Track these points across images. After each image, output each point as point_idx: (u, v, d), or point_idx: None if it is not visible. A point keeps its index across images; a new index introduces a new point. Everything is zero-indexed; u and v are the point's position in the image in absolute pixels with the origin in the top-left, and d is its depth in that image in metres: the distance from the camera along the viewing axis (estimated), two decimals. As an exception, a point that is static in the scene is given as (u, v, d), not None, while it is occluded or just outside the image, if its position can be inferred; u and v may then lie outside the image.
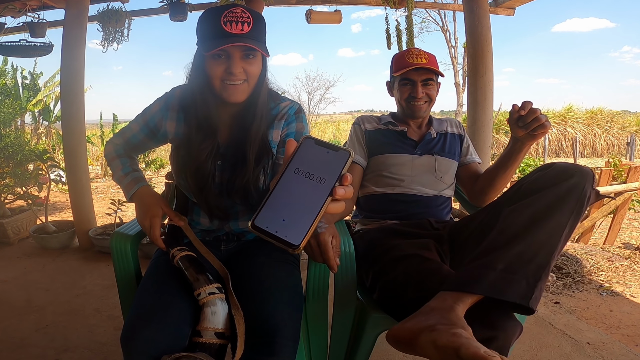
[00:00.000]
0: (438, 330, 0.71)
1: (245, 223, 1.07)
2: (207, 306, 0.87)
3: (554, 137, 10.84)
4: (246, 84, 0.93)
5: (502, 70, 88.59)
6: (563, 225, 0.84)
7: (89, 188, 2.84)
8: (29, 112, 6.79)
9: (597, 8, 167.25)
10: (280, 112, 1.02)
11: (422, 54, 1.33)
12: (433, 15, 13.22)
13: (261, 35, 0.93)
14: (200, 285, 0.89)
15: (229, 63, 0.90)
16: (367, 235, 1.24)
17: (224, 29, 0.87)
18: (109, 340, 1.65)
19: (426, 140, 1.39)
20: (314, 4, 3.06)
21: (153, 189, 1.07)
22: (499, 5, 2.88)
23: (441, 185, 1.36)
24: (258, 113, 0.97)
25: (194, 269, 0.92)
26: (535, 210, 0.85)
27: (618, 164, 3.10)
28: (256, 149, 0.97)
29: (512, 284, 0.78)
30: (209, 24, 0.89)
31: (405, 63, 1.33)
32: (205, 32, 0.91)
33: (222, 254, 1.09)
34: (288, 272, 1.01)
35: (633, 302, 2.10)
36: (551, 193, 0.86)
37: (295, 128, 1.02)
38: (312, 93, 17.09)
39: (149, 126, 1.07)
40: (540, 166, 0.96)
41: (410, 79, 1.34)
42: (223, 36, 0.87)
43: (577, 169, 0.88)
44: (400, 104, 1.40)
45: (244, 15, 0.88)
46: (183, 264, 0.93)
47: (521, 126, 1.06)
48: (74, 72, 2.64)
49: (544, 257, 0.82)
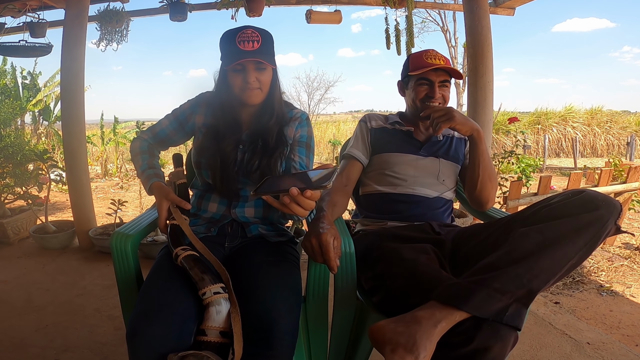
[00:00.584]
0: (396, 353, 0.76)
1: (250, 210, 1.16)
2: (212, 305, 0.88)
3: (554, 137, 10.84)
4: (259, 90, 1.11)
5: (502, 70, 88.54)
6: (571, 256, 0.84)
7: (89, 188, 2.84)
8: (29, 112, 6.79)
9: (597, 8, 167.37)
10: (294, 115, 1.22)
11: (440, 55, 1.32)
12: (433, 15, 13.25)
13: (269, 50, 1.10)
14: (205, 284, 0.90)
15: (244, 75, 1.08)
16: (365, 239, 1.23)
17: (239, 47, 1.06)
18: (109, 340, 1.65)
19: (432, 142, 1.38)
20: (314, 4, 3.06)
21: (162, 183, 1.16)
22: (499, 5, 2.88)
23: (443, 187, 1.35)
24: (274, 111, 1.16)
25: (198, 268, 0.93)
26: (546, 238, 0.85)
27: (618, 164, 3.09)
28: (274, 138, 1.15)
29: (495, 303, 0.79)
30: (227, 44, 1.08)
31: (423, 63, 1.31)
32: (225, 51, 1.10)
33: (226, 252, 1.13)
34: (288, 270, 1.03)
35: (633, 302, 2.10)
36: (569, 223, 0.85)
37: (306, 132, 1.23)
38: (312, 93, 17.11)
39: (179, 120, 1.24)
40: (571, 190, 0.94)
41: (428, 79, 1.32)
42: (238, 53, 1.06)
43: (605, 201, 0.87)
44: (414, 104, 1.36)
45: (253, 35, 1.07)
46: (187, 263, 0.95)
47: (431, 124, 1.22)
48: (74, 72, 2.64)
49: (539, 283, 0.82)
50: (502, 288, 0.80)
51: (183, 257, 0.96)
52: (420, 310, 0.82)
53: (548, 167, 8.44)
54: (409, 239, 1.17)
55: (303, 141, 1.21)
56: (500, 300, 0.79)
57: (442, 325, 0.78)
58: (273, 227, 1.19)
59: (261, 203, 1.17)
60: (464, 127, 1.20)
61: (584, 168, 4.50)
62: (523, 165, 2.95)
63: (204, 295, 0.89)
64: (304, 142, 1.21)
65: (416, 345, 0.76)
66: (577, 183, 2.69)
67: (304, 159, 1.19)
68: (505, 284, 0.80)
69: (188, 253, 0.97)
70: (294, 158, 1.18)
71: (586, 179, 3.04)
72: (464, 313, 0.79)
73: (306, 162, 1.19)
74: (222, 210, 1.16)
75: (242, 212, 1.16)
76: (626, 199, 2.97)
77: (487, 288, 0.80)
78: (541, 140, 10.05)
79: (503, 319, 0.79)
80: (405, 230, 1.23)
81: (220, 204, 1.17)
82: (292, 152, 1.19)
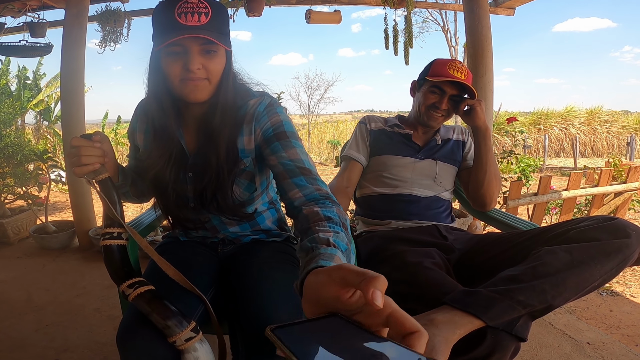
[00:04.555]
0: None
1: (236, 229, 1.05)
2: (188, 352, 0.76)
3: (554, 136, 10.84)
4: (207, 82, 0.84)
5: (502, 70, 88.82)
6: (595, 278, 0.84)
7: (89, 188, 2.84)
8: (31, 112, 6.80)
9: (599, 8, 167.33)
10: (248, 111, 0.90)
11: (464, 69, 1.30)
12: (434, 15, 13.25)
13: (222, 27, 0.83)
14: (173, 332, 0.74)
15: (186, 59, 0.80)
16: (370, 242, 1.23)
17: (177, 20, 0.78)
18: (109, 340, 1.65)
19: (430, 145, 1.38)
20: (314, 4, 3.06)
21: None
22: (499, 5, 2.88)
23: (440, 188, 1.36)
24: (222, 115, 0.87)
25: (158, 313, 0.74)
26: (574, 258, 0.85)
27: (618, 164, 3.09)
28: (224, 157, 0.88)
29: (512, 314, 0.79)
30: (162, 16, 0.80)
31: (445, 72, 1.29)
32: (158, 27, 0.82)
33: (220, 256, 1.08)
34: (287, 272, 0.99)
35: (633, 302, 2.10)
36: (599, 247, 0.85)
37: (269, 124, 0.89)
38: (312, 93, 17.09)
39: (134, 144, 1.00)
40: (602, 216, 0.95)
41: (442, 88, 1.31)
42: (177, 28, 0.78)
43: (636, 231, 0.88)
44: (418, 108, 1.36)
45: (200, 6, 0.79)
46: (142, 307, 0.75)
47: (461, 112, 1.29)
48: (74, 72, 2.64)
49: (560, 301, 0.83)
50: (526, 301, 0.80)
51: (134, 298, 0.75)
52: (436, 314, 0.79)
53: (548, 167, 8.43)
54: (416, 242, 1.16)
55: (289, 131, 0.88)
56: (520, 312, 0.80)
57: (460, 332, 0.77)
58: (268, 234, 1.09)
59: (248, 226, 1.05)
60: (481, 116, 1.26)
61: (584, 168, 4.49)
62: (523, 165, 2.95)
63: (174, 344, 0.76)
64: (289, 132, 0.88)
65: (435, 350, 0.73)
66: (577, 183, 2.69)
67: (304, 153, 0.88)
68: (530, 298, 0.80)
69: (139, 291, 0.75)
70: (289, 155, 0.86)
71: (586, 179, 3.04)
72: (481, 322, 0.78)
73: (301, 157, 0.86)
74: (208, 234, 1.06)
75: (227, 231, 1.05)
76: (626, 199, 2.97)
77: (510, 300, 0.79)
78: (541, 140, 10.05)
79: (513, 329, 0.79)
80: (412, 233, 1.22)
81: (202, 231, 1.05)
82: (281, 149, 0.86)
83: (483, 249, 1.12)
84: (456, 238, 1.22)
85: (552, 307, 0.83)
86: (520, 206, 2.59)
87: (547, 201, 2.64)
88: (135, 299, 0.74)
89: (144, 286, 0.77)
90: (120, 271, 0.80)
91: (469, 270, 1.09)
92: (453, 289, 0.88)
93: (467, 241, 1.20)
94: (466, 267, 1.11)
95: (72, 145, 0.80)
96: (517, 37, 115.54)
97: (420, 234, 1.21)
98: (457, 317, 0.78)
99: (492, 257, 1.07)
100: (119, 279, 0.79)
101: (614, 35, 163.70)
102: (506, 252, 1.04)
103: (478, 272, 1.05)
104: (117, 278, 0.80)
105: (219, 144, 0.88)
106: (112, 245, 0.81)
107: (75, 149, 0.80)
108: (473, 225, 2.54)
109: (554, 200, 2.69)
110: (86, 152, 0.80)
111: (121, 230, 0.83)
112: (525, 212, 2.97)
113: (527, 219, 2.05)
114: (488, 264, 1.06)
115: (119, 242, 0.82)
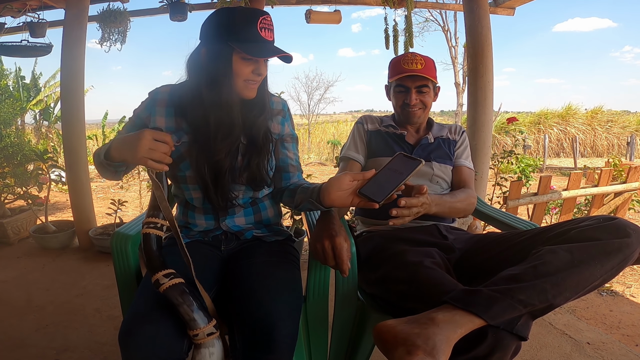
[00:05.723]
0: (414, 355, 0.72)
1: (241, 219, 1.10)
2: (205, 347, 0.81)
3: (554, 136, 10.84)
4: (259, 84, 1.01)
5: (502, 70, 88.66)
6: (596, 278, 0.84)
7: (89, 188, 2.84)
8: (30, 112, 6.80)
9: (599, 8, 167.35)
10: (275, 106, 1.11)
11: (419, 59, 1.29)
12: (435, 15, 13.24)
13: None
14: (197, 325, 0.81)
15: (257, 66, 0.96)
16: (370, 241, 1.22)
17: (261, 35, 0.92)
18: (109, 340, 1.65)
19: (422, 145, 1.37)
20: (314, 4, 3.06)
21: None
22: (499, 5, 2.88)
23: (437, 188, 1.35)
24: (265, 105, 1.06)
25: (188, 305, 0.81)
26: (575, 258, 0.85)
27: (618, 164, 3.08)
28: (262, 136, 1.05)
29: (513, 313, 0.79)
30: (244, 25, 0.92)
31: (400, 69, 1.30)
32: (239, 33, 0.92)
33: (223, 254, 1.10)
34: (288, 271, 1.01)
35: (633, 302, 2.10)
36: (599, 246, 0.86)
37: (292, 125, 1.16)
38: (312, 93, 17.10)
39: (136, 126, 1.04)
40: (602, 216, 0.95)
41: (404, 85, 1.31)
42: (261, 41, 0.93)
43: (636, 231, 0.88)
44: (395, 110, 1.39)
45: (271, 24, 0.95)
46: (174, 298, 0.80)
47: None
48: (74, 72, 2.64)
49: (561, 300, 0.83)
50: (526, 300, 0.80)
51: (167, 288, 0.80)
52: (436, 313, 0.80)
53: (548, 167, 8.43)
54: (416, 241, 1.16)
55: (295, 136, 1.15)
56: (520, 311, 0.80)
57: (461, 331, 0.77)
58: (268, 229, 1.14)
59: (251, 211, 1.12)
60: (417, 213, 1.00)
61: (584, 168, 4.50)
62: (523, 165, 2.95)
63: (195, 337, 0.81)
64: (295, 137, 1.16)
65: (436, 349, 0.73)
66: (577, 183, 2.69)
67: (297, 154, 1.15)
68: (530, 297, 0.80)
69: (173, 282, 0.80)
70: (289, 155, 1.12)
71: (586, 179, 3.04)
72: (482, 321, 0.78)
73: (298, 157, 1.16)
74: (212, 224, 1.10)
75: (232, 222, 1.10)
76: (626, 199, 2.97)
77: (511, 299, 0.79)
78: (541, 140, 10.05)
79: (514, 328, 0.79)
80: (412, 233, 1.22)
81: (207, 219, 1.10)
82: (286, 148, 1.12)
83: (483, 249, 1.12)
84: (456, 238, 1.22)
85: (552, 307, 0.83)
86: (520, 206, 2.59)
87: (547, 201, 2.64)
88: (169, 289, 0.79)
89: (178, 278, 0.81)
90: (156, 260, 0.84)
91: (469, 270, 1.09)
92: (453, 288, 0.87)
93: (467, 241, 1.20)
94: (466, 266, 1.11)
95: (164, 140, 0.84)
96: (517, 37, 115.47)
97: (421, 234, 1.21)
98: (458, 316, 0.78)
99: (492, 256, 1.07)
100: (154, 268, 0.83)
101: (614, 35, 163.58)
102: (506, 251, 1.04)
103: (478, 272, 1.05)
104: (152, 267, 0.83)
105: (261, 128, 1.05)
106: (152, 235, 0.86)
107: (163, 145, 0.84)
108: (473, 225, 2.54)
109: (554, 200, 2.69)
110: (168, 151, 0.85)
111: (164, 222, 0.88)
112: (525, 212, 2.97)
113: (527, 219, 2.05)
114: (488, 263, 1.05)
115: (158, 232, 0.87)
